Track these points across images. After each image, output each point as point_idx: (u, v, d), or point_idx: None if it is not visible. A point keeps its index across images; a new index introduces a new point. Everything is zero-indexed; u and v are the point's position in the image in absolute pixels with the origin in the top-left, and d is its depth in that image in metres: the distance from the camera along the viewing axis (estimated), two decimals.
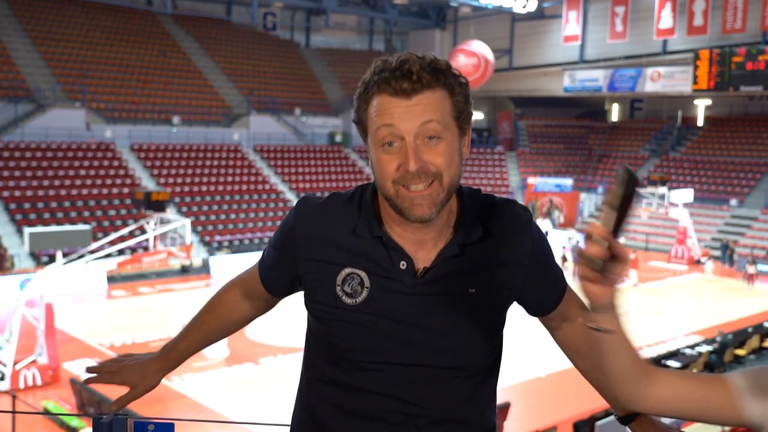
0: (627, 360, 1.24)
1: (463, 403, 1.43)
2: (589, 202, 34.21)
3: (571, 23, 36.10)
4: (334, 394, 1.44)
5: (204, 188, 28.55)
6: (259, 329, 15.96)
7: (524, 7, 35.29)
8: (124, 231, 18.75)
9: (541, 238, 1.48)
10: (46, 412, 11.41)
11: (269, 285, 1.55)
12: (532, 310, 1.54)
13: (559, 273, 1.54)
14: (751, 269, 22.76)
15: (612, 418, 10.68)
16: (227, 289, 1.64)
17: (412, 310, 1.35)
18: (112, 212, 25.28)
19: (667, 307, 20.14)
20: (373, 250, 1.37)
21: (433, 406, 1.40)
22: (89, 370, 1.64)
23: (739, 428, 1.43)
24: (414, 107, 1.26)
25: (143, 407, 9.40)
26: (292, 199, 29.94)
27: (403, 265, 1.36)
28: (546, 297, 1.51)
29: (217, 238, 26.31)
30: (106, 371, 1.63)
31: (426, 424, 1.40)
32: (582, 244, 1.12)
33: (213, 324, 1.64)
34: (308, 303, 1.46)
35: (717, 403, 1.22)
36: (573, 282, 1.47)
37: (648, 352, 15.09)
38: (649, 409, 1.26)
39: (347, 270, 1.37)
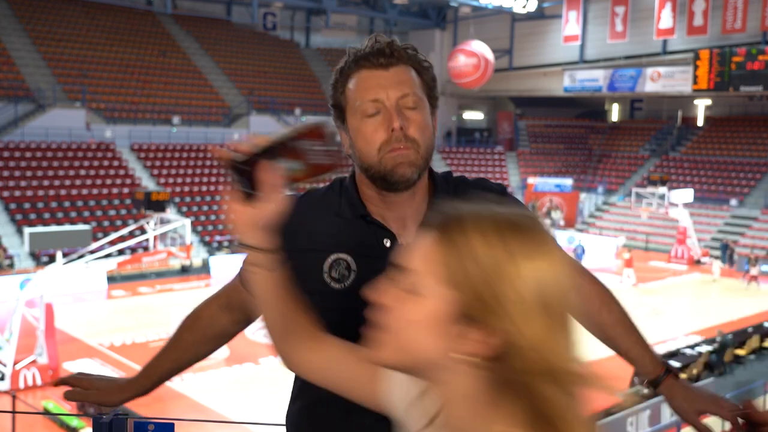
0: (278, 314, 1.13)
1: None
2: (589, 202, 34.19)
3: (571, 23, 36.09)
4: (325, 402, 1.41)
5: (204, 188, 28.55)
6: (259, 329, 15.93)
7: (524, 7, 35.27)
8: (124, 231, 18.76)
9: (521, 206, 1.48)
10: (46, 412, 11.41)
11: None
12: None
13: None
14: (753, 270, 22.74)
15: (613, 417, 10.70)
16: (203, 305, 1.61)
17: None
18: (112, 212, 25.28)
19: (667, 307, 20.13)
20: (357, 230, 1.39)
21: None
22: (61, 382, 1.61)
23: None
24: (392, 77, 1.35)
25: (143, 407, 9.40)
26: None
27: (386, 242, 1.38)
28: None
29: (217, 238, 26.31)
30: (78, 384, 1.59)
31: None
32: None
33: (190, 341, 1.59)
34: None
35: (362, 383, 1.13)
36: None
37: None
38: (304, 375, 1.18)
39: (333, 256, 1.39)
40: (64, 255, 17.11)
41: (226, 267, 22.34)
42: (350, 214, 1.40)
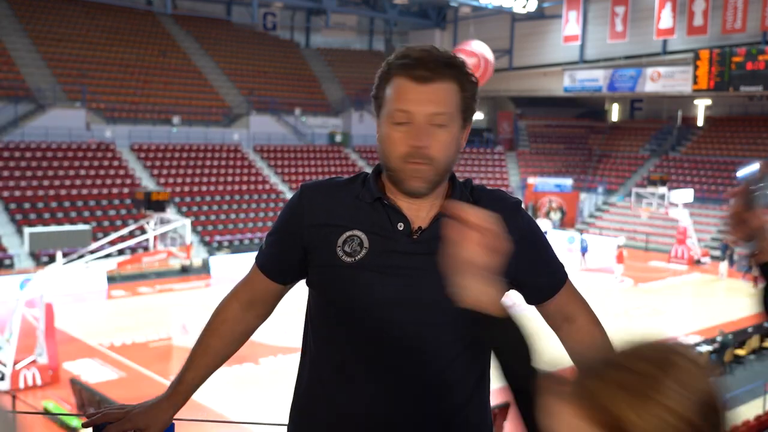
0: None
1: (456, 370, 1.45)
2: (589, 202, 34.19)
3: (571, 23, 36.10)
4: (331, 372, 1.47)
5: (204, 188, 28.55)
6: (259, 329, 15.94)
7: (524, 7, 35.28)
8: (124, 231, 18.77)
9: (533, 224, 1.55)
10: (46, 412, 11.42)
11: (276, 273, 1.57)
12: (528, 297, 1.57)
13: (556, 262, 1.58)
14: (755, 271, 22.75)
15: None
16: (225, 307, 1.62)
17: (407, 267, 1.42)
18: (112, 212, 25.27)
19: (667, 307, 20.14)
20: (374, 212, 1.46)
21: (425, 373, 1.43)
22: (89, 418, 1.53)
23: None
24: (428, 93, 1.38)
25: None
26: None
27: (400, 226, 1.44)
28: (541, 283, 1.55)
29: (217, 238, 26.31)
30: (112, 418, 1.52)
31: (420, 394, 1.43)
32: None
33: (218, 345, 1.60)
34: (311, 273, 1.50)
35: None
36: (577, 276, 1.48)
37: None
38: None
39: (348, 232, 1.45)
40: (64, 255, 17.11)
41: (226, 267, 22.35)
42: (368, 198, 1.46)
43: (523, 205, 1.55)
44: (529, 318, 1.18)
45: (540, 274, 1.54)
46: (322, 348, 1.50)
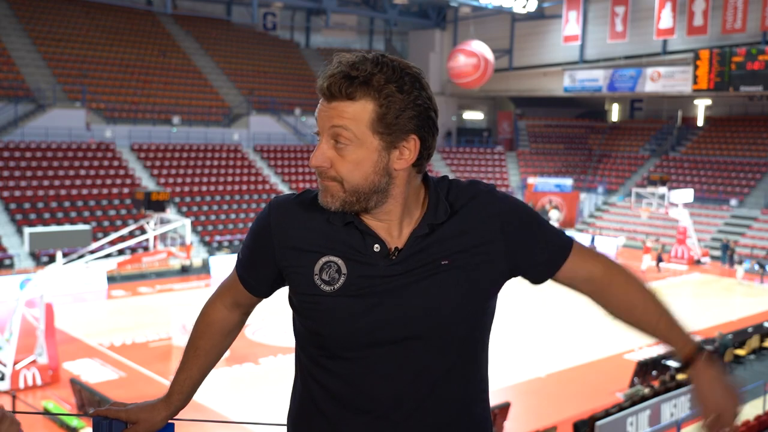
0: None
1: (450, 382, 1.42)
2: (589, 202, 34.19)
3: (571, 23, 36.09)
4: (322, 394, 1.44)
5: (204, 188, 28.55)
6: (259, 329, 15.96)
7: (524, 7, 35.28)
8: (124, 231, 18.75)
9: (513, 203, 1.46)
10: (46, 412, 11.42)
11: (251, 286, 1.54)
12: (532, 278, 1.51)
13: (551, 233, 1.49)
14: (743, 272, 22.82)
15: (613, 417, 10.74)
16: (211, 308, 1.62)
17: (388, 290, 1.37)
18: (112, 212, 25.28)
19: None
20: (348, 235, 1.39)
21: (417, 389, 1.40)
22: (96, 413, 1.58)
23: None
24: (330, 111, 1.34)
25: None
26: None
27: (376, 248, 1.38)
28: (540, 261, 1.48)
29: (217, 238, 26.31)
30: (112, 412, 1.56)
31: (413, 411, 1.40)
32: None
33: (208, 346, 1.61)
34: (291, 297, 1.47)
35: None
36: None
37: (648, 352, 15.10)
38: None
39: (324, 259, 1.39)
40: (64, 255, 17.11)
41: (226, 267, 22.37)
42: (339, 221, 1.40)
43: (495, 189, 1.47)
44: None
45: (536, 253, 1.46)
46: (310, 366, 1.47)
